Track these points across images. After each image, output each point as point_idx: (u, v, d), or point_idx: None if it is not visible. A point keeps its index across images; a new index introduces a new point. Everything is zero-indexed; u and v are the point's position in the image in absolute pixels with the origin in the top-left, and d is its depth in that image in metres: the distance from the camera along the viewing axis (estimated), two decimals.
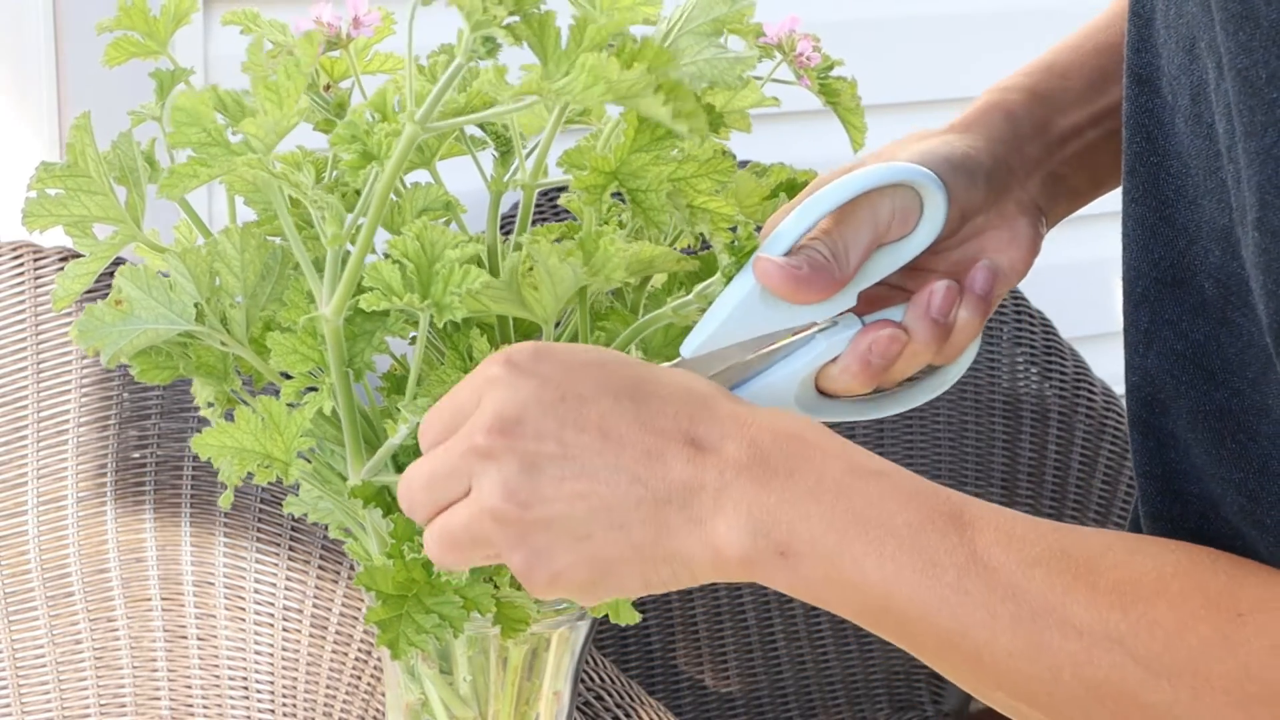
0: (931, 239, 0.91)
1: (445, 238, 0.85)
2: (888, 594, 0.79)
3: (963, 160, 0.92)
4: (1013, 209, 0.95)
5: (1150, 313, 0.86)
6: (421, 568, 0.88)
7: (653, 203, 0.86)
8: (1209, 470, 0.85)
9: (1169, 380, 0.86)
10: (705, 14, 0.87)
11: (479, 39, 0.80)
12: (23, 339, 1.44)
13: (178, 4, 0.94)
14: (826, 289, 0.88)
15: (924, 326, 0.91)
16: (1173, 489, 0.88)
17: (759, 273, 0.87)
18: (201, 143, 0.85)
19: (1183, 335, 0.85)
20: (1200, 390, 0.84)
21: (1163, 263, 0.85)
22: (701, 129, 0.82)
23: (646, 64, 0.80)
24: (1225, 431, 0.84)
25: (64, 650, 1.41)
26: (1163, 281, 0.86)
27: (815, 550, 0.80)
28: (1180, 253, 0.84)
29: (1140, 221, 0.86)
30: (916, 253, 0.91)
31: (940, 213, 0.90)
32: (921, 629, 0.80)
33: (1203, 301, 0.83)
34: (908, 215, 0.91)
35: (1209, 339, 0.84)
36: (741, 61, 0.86)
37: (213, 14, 1.58)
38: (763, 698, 1.76)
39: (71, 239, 0.92)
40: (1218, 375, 0.83)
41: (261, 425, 0.89)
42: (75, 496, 1.42)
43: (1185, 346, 0.85)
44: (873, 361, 0.90)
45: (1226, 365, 0.83)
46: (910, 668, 1.81)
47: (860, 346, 0.90)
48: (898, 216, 0.90)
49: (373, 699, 1.38)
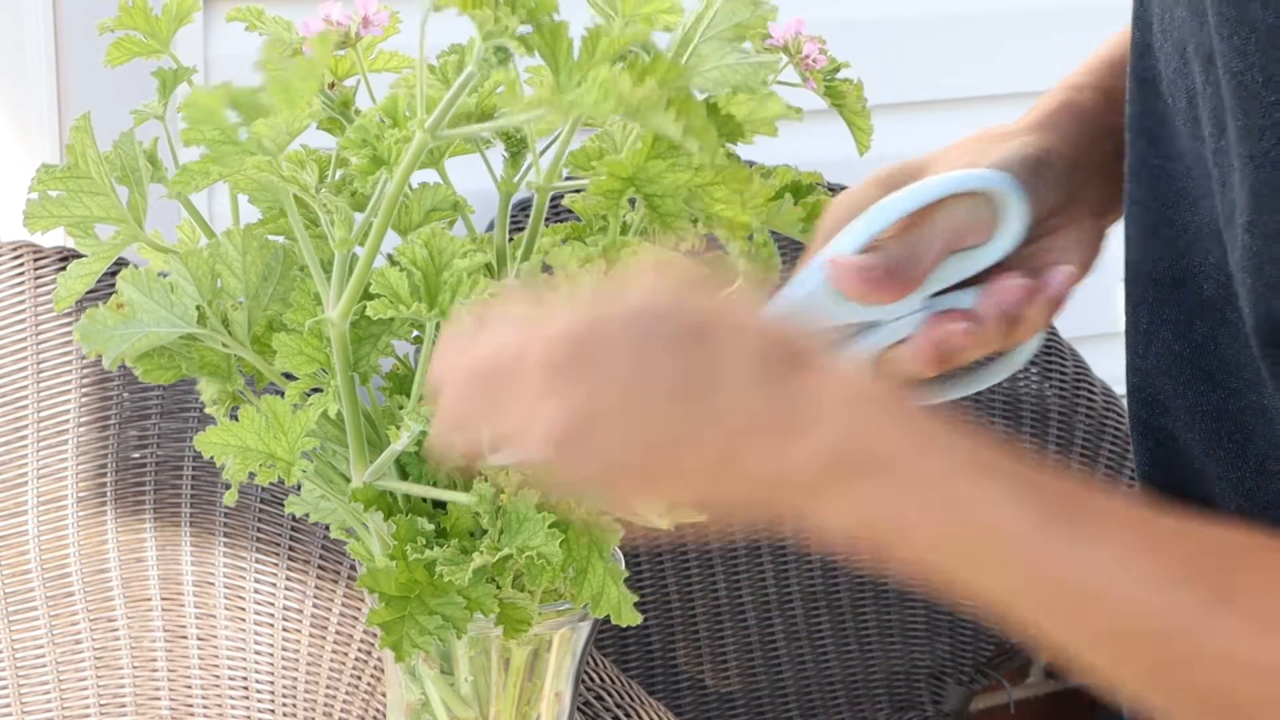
0: (1009, 248, 0.89)
1: (454, 245, 0.85)
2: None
3: (1040, 164, 0.91)
4: (1084, 209, 0.93)
5: (1150, 313, 0.87)
6: (424, 569, 0.88)
7: (669, 208, 0.86)
8: (1207, 470, 0.85)
9: (1168, 381, 0.86)
10: (727, 19, 0.87)
11: (491, 48, 0.80)
12: (23, 339, 1.44)
13: (179, 3, 0.94)
14: (897, 291, 0.87)
15: (995, 319, 0.89)
16: (1172, 489, 0.88)
17: (832, 274, 0.86)
18: (214, 140, 0.85)
19: (1181, 336, 0.85)
20: (1198, 391, 0.85)
21: (1163, 263, 0.85)
22: (712, 146, 0.82)
23: (658, 79, 0.80)
24: (1223, 432, 0.84)
25: (64, 650, 1.40)
26: (1163, 282, 0.86)
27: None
28: (1180, 253, 0.84)
29: (1142, 223, 0.86)
30: (992, 261, 0.89)
31: (1020, 223, 0.89)
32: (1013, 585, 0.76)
33: (1201, 302, 0.83)
34: (985, 222, 0.89)
35: (1207, 339, 0.84)
36: (765, 66, 0.86)
37: (213, 14, 1.58)
38: (763, 698, 1.76)
39: (73, 239, 0.92)
40: (1216, 375, 0.83)
41: (265, 425, 0.89)
42: (75, 496, 1.42)
43: (1184, 347, 0.85)
44: (942, 349, 0.88)
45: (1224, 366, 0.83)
46: (910, 668, 1.81)
47: (931, 333, 0.88)
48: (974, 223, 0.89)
49: (373, 699, 1.38)
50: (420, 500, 0.92)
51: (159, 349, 0.91)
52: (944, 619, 1.81)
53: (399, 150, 0.84)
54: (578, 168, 0.89)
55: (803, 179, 0.93)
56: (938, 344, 0.88)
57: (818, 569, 1.77)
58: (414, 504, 0.92)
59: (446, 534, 0.90)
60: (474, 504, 0.88)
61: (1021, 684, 2.31)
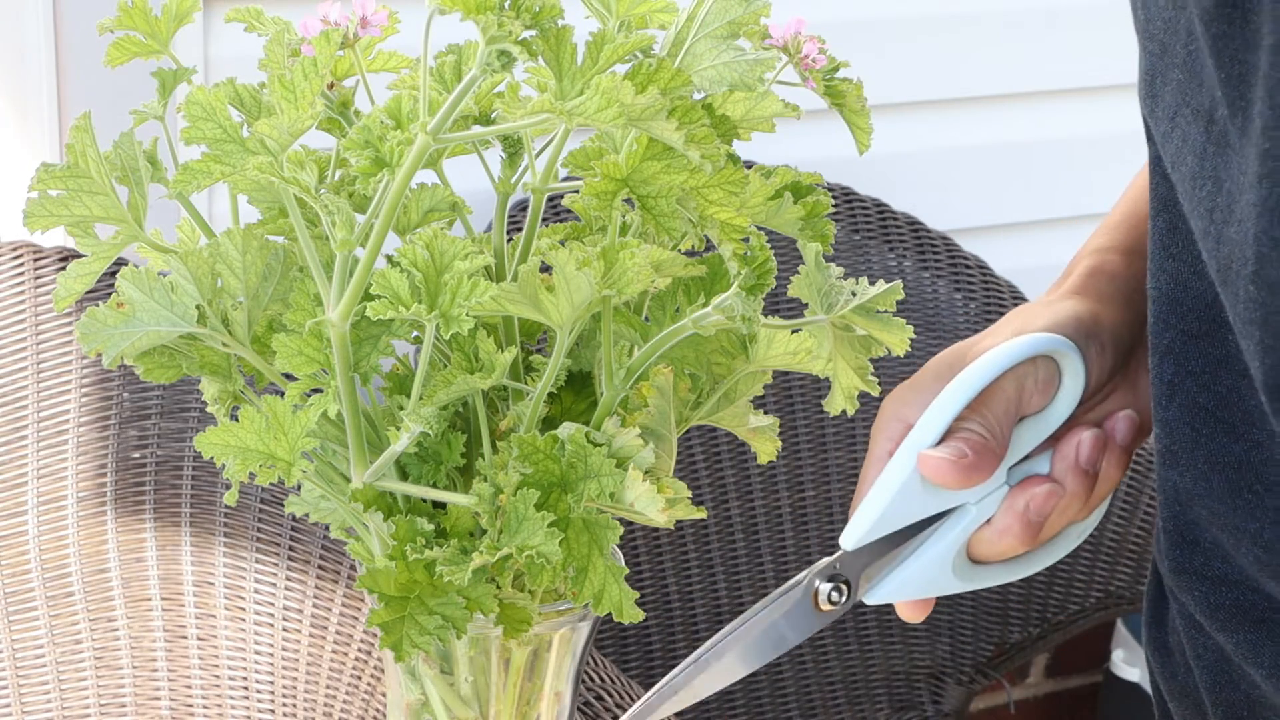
0: (1073, 406, 0.91)
1: (454, 247, 0.85)
2: None
3: (1091, 326, 0.92)
4: (1135, 365, 0.95)
5: (1175, 364, 0.86)
6: (424, 569, 0.88)
7: (663, 209, 0.86)
8: (1224, 520, 0.86)
9: (1188, 431, 0.86)
10: (721, 17, 0.87)
11: (494, 53, 0.80)
12: (23, 339, 1.44)
13: (179, 3, 0.94)
14: (991, 470, 0.88)
15: (1075, 478, 0.90)
16: (1189, 539, 0.88)
17: (927, 470, 0.87)
18: (216, 139, 0.85)
19: (1205, 388, 0.85)
20: (1219, 443, 0.85)
21: (1190, 315, 0.85)
22: (714, 155, 0.82)
23: (661, 86, 0.80)
24: (1242, 483, 0.84)
25: (64, 650, 1.40)
26: (1189, 334, 0.86)
27: None
28: (1208, 305, 0.84)
29: (1174, 276, 0.86)
30: (1060, 422, 0.91)
31: (1080, 380, 0.91)
32: None
33: (1226, 355, 0.83)
34: (1047, 385, 0.90)
35: (1231, 391, 0.84)
36: (761, 63, 0.86)
37: (212, 14, 1.58)
38: (763, 698, 1.76)
39: (74, 239, 0.92)
40: (1238, 428, 0.84)
41: (265, 425, 0.89)
42: (75, 496, 1.42)
43: (1208, 399, 0.85)
44: (1032, 520, 0.89)
45: (1247, 418, 0.83)
46: (910, 668, 1.81)
47: (1017, 506, 0.89)
48: (1038, 387, 0.90)
49: (373, 699, 1.38)
50: (420, 500, 0.92)
51: (159, 348, 0.91)
52: (944, 619, 1.81)
53: (401, 152, 0.84)
54: (577, 168, 0.89)
55: (803, 179, 0.93)
56: (1023, 513, 0.89)
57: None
58: (414, 504, 0.92)
59: (446, 534, 0.90)
60: (474, 504, 0.88)
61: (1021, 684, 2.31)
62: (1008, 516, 0.89)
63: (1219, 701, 0.90)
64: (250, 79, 0.91)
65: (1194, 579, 0.88)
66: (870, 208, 1.80)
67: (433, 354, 0.92)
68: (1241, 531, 0.84)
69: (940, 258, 1.84)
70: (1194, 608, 0.89)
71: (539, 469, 0.87)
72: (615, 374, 0.89)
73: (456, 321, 0.84)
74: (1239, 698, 0.88)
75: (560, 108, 0.81)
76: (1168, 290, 0.86)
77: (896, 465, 0.88)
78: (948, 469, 0.87)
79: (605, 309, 0.89)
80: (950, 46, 1.95)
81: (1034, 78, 2.02)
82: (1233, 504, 0.84)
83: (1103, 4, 2.01)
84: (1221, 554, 0.86)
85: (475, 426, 0.92)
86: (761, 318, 0.86)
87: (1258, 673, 0.86)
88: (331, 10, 0.88)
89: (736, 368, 0.93)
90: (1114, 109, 2.03)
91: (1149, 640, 0.96)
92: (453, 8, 0.81)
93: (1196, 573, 0.88)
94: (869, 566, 0.89)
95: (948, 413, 0.88)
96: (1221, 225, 0.78)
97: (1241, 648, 0.87)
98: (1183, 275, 0.85)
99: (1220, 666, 0.89)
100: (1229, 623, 0.87)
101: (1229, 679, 0.89)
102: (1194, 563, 0.88)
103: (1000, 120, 2.03)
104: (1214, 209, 0.78)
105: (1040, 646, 1.84)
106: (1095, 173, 2.04)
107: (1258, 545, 0.83)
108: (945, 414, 0.88)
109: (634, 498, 0.86)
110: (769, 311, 0.90)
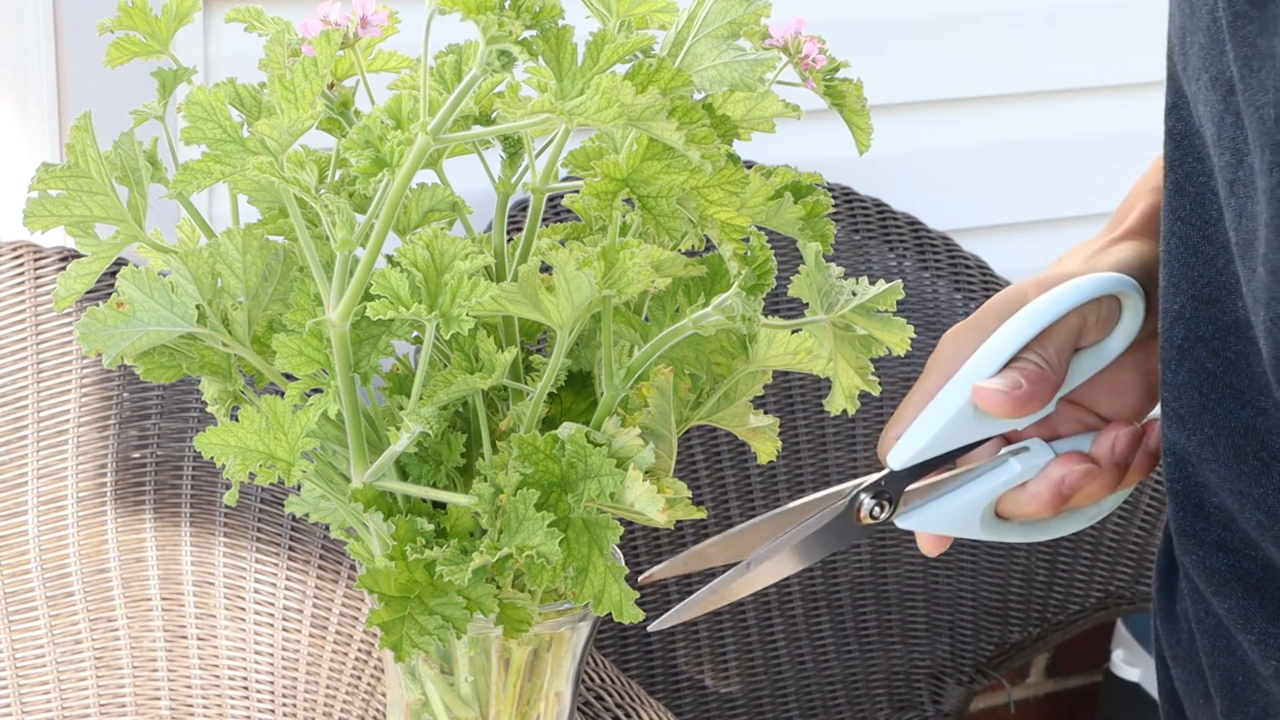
0: (1129, 341, 0.95)
1: (455, 247, 0.85)
2: None
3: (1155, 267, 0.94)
4: None
5: (1185, 329, 0.87)
6: (424, 569, 0.88)
7: (664, 209, 0.86)
8: (1228, 484, 0.86)
9: (1195, 395, 0.87)
10: (721, 17, 0.87)
11: (494, 53, 0.80)
12: (23, 339, 1.44)
13: (179, 3, 0.94)
14: (1047, 399, 0.91)
15: (1109, 463, 0.94)
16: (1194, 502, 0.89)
17: (981, 400, 0.90)
18: (217, 139, 0.85)
19: (1215, 353, 0.86)
20: (1226, 408, 0.85)
21: (1200, 279, 0.86)
22: (714, 155, 0.82)
23: (661, 87, 0.80)
24: (1247, 449, 0.85)
25: (64, 650, 1.40)
26: (1199, 299, 0.86)
27: None
28: (1219, 270, 0.85)
29: (1184, 239, 0.87)
30: (1114, 355, 0.95)
31: (1139, 318, 0.94)
32: None
33: (1235, 321, 0.84)
34: (1107, 321, 0.94)
35: (1240, 357, 0.84)
36: (762, 63, 0.86)
37: (212, 14, 1.58)
38: (763, 698, 1.76)
39: (74, 239, 0.92)
40: (1246, 394, 0.84)
41: (265, 425, 0.89)
42: (75, 496, 1.42)
43: (1217, 364, 0.86)
44: (1063, 491, 0.93)
45: (1255, 384, 0.84)
46: (910, 668, 1.81)
47: (1053, 476, 0.93)
48: (1099, 323, 0.94)
49: (373, 699, 1.38)
50: (420, 500, 0.92)
51: (159, 348, 0.91)
52: (944, 619, 1.81)
53: (401, 152, 0.84)
54: (577, 168, 0.89)
55: (803, 179, 0.93)
56: (1057, 483, 0.93)
57: (818, 569, 1.77)
58: (414, 504, 0.92)
59: (446, 534, 0.90)
60: (474, 504, 0.88)
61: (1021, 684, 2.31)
62: (1042, 484, 0.93)
63: (1216, 666, 0.91)
64: (250, 79, 0.91)
65: (1194, 542, 0.89)
66: (870, 208, 1.80)
67: (433, 354, 0.92)
68: (1246, 496, 0.85)
69: (940, 258, 1.84)
70: (1193, 570, 0.91)
71: (539, 469, 0.87)
72: (615, 374, 0.89)
73: (456, 321, 0.84)
74: (1234, 663, 0.90)
75: (560, 108, 0.81)
76: (1178, 253, 0.87)
77: (951, 392, 0.91)
78: (1001, 399, 0.90)
79: (605, 309, 0.89)
80: (950, 46, 1.95)
81: (1034, 78, 2.02)
82: (1237, 469, 0.85)
83: (1103, 4, 2.01)
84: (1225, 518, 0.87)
85: (475, 426, 0.92)
86: (761, 318, 0.86)
87: (1246, 639, 0.88)
88: (332, 10, 0.88)
89: (736, 368, 0.93)
90: (1114, 109, 2.03)
91: (1158, 608, 0.98)
92: (453, 8, 0.81)
93: (1197, 536, 0.89)
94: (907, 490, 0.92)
95: (1011, 346, 0.91)
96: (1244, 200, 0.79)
97: (1233, 614, 0.88)
98: (1192, 239, 0.86)
99: (1219, 632, 0.91)
100: (1223, 588, 0.89)
101: (1226, 645, 0.90)
102: (1195, 526, 0.89)
103: (1000, 120, 2.03)
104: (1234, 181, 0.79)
105: (1040, 646, 1.84)
106: (1095, 173, 2.04)
107: (1261, 510, 0.84)
108: (1009, 347, 0.91)
109: (634, 498, 0.86)
110: (769, 311, 0.90)
